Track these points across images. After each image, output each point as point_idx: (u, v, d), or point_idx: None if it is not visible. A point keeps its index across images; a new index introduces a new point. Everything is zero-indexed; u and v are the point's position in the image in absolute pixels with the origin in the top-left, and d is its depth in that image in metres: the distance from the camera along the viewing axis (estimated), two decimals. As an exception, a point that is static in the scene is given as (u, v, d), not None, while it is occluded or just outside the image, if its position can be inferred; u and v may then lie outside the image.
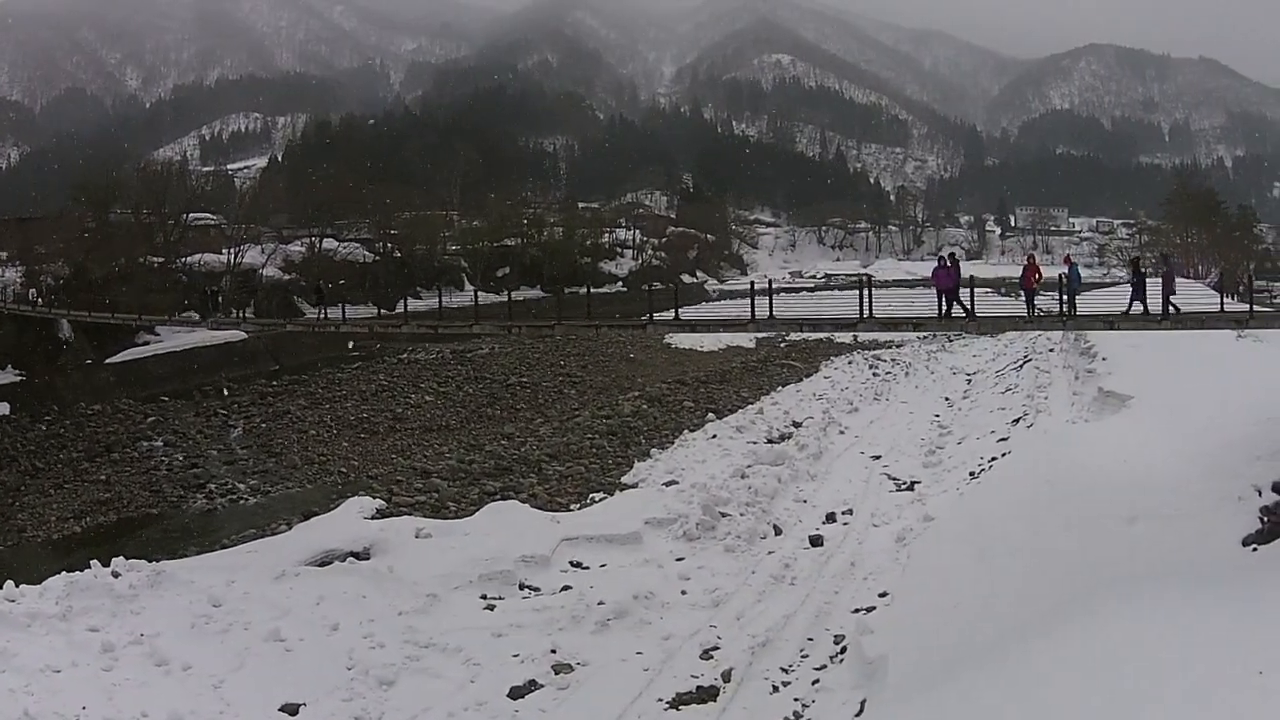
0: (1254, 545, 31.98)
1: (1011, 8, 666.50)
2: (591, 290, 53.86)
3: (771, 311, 37.76)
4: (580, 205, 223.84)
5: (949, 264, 36.78)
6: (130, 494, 54.10)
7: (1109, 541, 32.59)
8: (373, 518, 42.13)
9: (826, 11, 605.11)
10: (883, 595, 33.72)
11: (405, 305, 78.85)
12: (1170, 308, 34.92)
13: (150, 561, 33.66)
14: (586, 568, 36.84)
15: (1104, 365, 57.40)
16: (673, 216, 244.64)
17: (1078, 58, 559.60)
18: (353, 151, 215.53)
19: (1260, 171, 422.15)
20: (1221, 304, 35.39)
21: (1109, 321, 35.36)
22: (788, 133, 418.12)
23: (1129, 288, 36.34)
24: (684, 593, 34.40)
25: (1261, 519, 34.21)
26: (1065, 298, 35.03)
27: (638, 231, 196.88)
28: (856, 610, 32.63)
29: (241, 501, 52.78)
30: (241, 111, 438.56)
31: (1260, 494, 35.43)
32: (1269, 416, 39.45)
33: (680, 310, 40.97)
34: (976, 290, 36.04)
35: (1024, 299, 37.87)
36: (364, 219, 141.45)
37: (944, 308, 36.30)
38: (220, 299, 63.34)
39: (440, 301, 54.28)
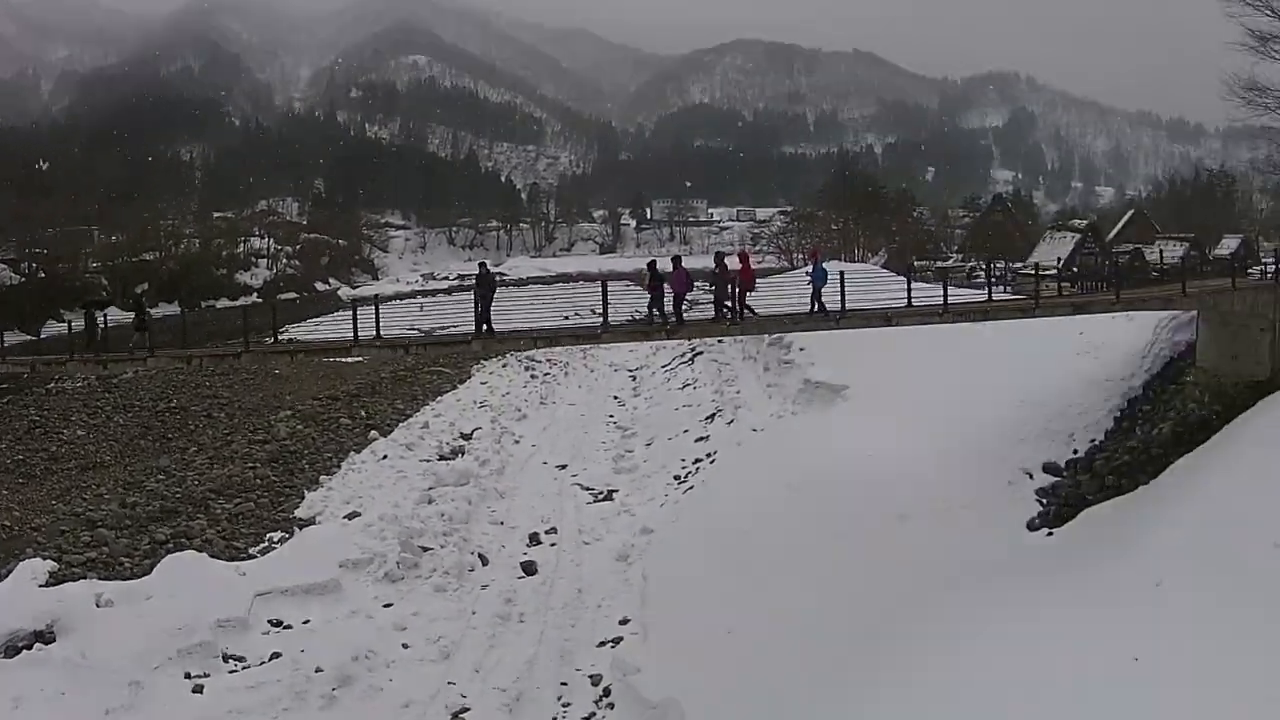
0: (1048, 530, 32.00)
1: (659, 5, 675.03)
2: (228, 303, 48.48)
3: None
4: (216, 215, 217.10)
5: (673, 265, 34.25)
6: None
7: (886, 543, 31.64)
8: (46, 584, 37.23)
9: (468, 12, 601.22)
10: (624, 623, 31.99)
11: None
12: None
13: None
14: (289, 627, 33.00)
15: (803, 355, 56.50)
16: (304, 223, 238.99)
17: (723, 53, 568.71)
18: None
19: (913, 157, 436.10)
20: (945, 299, 34.74)
21: (886, 317, 34.13)
22: (420, 134, 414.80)
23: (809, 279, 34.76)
24: (406, 646, 31.30)
25: (1040, 501, 34.26)
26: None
27: (271, 240, 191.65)
28: (603, 644, 30.73)
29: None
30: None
31: (1031, 477, 35.64)
32: (1021, 400, 39.64)
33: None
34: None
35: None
36: (9, 238, 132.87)
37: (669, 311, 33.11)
38: None
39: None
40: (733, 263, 35.13)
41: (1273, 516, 24.56)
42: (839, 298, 33.67)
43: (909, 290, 34.47)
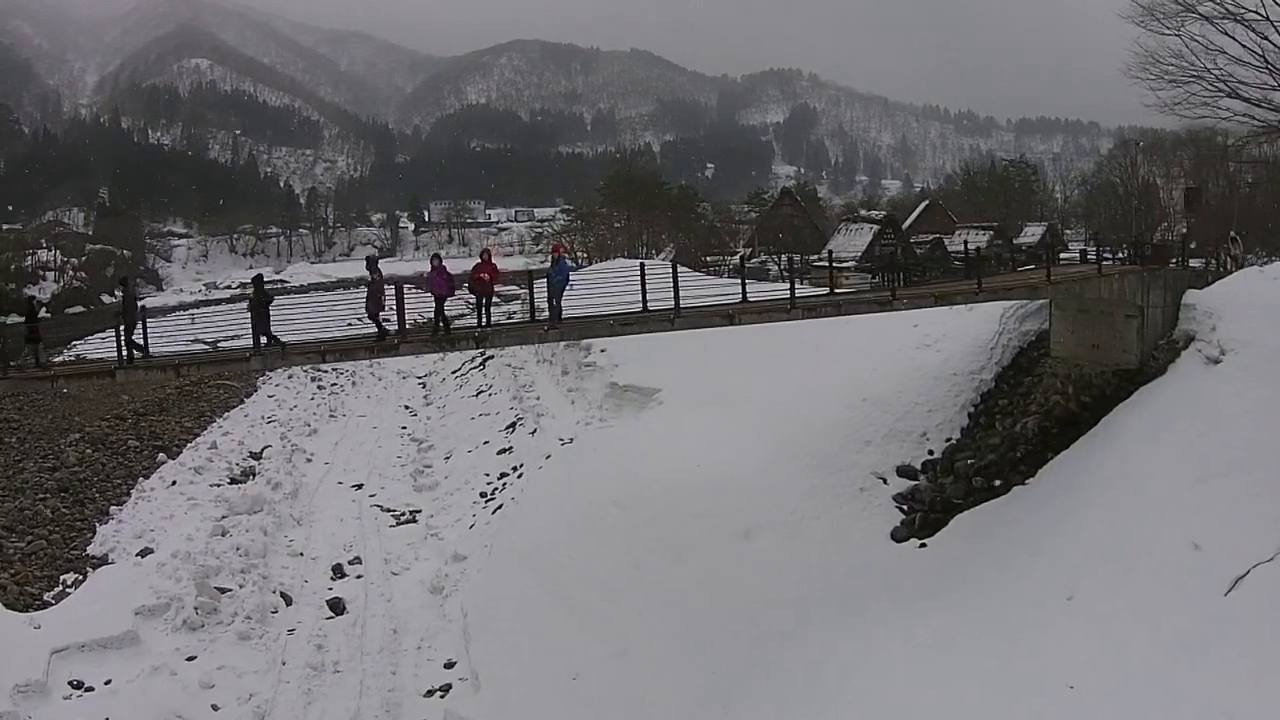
0: (920, 541, 30.07)
1: (436, 6, 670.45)
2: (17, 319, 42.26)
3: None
4: (5, 227, 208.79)
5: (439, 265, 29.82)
6: None
7: (733, 565, 29.31)
8: None
9: (248, 14, 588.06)
10: (449, 666, 29.17)
11: None
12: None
13: None
14: (91, 689, 28.76)
15: (604, 357, 53.31)
16: (90, 234, 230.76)
17: (500, 54, 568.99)
18: None
19: (691, 154, 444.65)
20: (793, 294, 31.68)
21: (728, 315, 30.47)
22: (201, 139, 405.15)
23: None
24: (216, 708, 27.64)
25: (901, 509, 31.75)
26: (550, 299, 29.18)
27: (58, 252, 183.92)
28: (430, 693, 27.84)
29: None
30: None
31: (886, 482, 33.13)
32: (863, 398, 37.13)
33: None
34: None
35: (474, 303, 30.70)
36: None
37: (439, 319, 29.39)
38: None
39: None
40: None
41: (1184, 515, 22.60)
42: (673, 296, 29.71)
43: (743, 286, 31.32)
